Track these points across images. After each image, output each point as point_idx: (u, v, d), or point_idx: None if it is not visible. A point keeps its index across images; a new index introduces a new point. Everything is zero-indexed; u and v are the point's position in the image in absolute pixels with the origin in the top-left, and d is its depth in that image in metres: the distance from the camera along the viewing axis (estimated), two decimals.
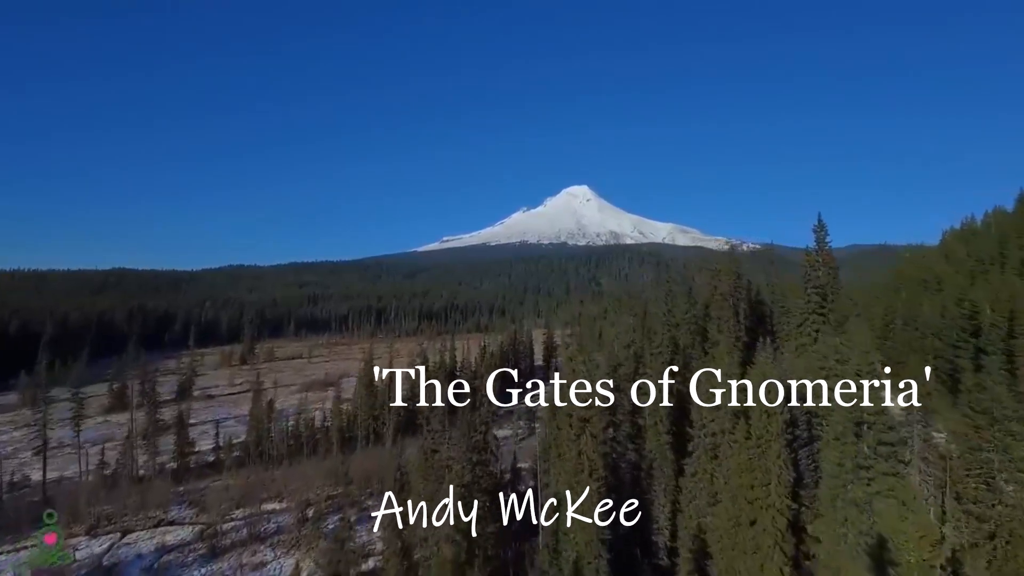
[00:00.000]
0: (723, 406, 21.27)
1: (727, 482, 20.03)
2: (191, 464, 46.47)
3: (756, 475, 18.47)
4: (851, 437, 18.92)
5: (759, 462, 18.40)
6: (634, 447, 25.44)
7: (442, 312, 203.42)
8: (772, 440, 18.04)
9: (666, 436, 25.44)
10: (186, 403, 70.07)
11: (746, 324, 37.95)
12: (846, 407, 19.32)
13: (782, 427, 18.38)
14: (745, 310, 39.43)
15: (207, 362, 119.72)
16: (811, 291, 36.00)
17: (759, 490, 18.09)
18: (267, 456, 47.20)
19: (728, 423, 20.59)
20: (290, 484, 40.43)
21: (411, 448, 46.68)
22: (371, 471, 41.79)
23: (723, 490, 20.14)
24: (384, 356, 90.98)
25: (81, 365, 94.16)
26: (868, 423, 18.80)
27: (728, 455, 20.28)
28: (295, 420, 53.88)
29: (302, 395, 78.88)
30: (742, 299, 38.15)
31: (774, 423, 18.11)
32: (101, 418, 66.42)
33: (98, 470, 41.45)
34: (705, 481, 21.44)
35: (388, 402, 51.94)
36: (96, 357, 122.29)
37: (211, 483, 41.41)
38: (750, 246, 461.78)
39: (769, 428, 18.21)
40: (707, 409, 22.06)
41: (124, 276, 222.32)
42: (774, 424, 18.13)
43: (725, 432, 20.62)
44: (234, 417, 65.69)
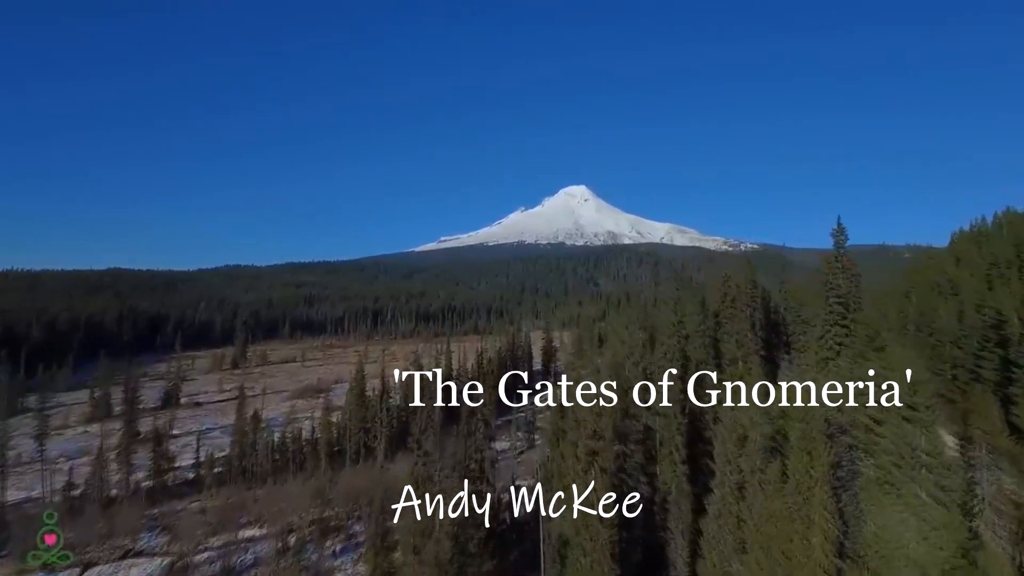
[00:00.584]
0: (753, 438, 18.62)
1: (758, 528, 17.41)
2: (169, 482, 43.69)
3: (795, 525, 15.86)
4: (904, 480, 16.36)
5: (799, 511, 15.80)
6: (646, 479, 22.82)
7: (439, 313, 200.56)
8: (815, 486, 15.46)
9: (682, 466, 22.80)
10: (170, 412, 67.34)
11: (761, 336, 35.32)
12: (894, 445, 16.73)
13: (828, 471, 15.76)
14: (760, 320, 36.83)
15: (198, 366, 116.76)
16: (833, 301, 33.40)
17: (798, 544, 15.53)
18: (250, 473, 44.46)
19: (759, 460, 17.96)
20: (273, 506, 37.68)
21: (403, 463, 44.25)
22: (360, 490, 39.13)
23: (753, 537, 17.54)
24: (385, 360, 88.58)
25: (66, 370, 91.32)
26: (924, 464, 16.23)
27: (759, 497, 17.66)
28: (282, 432, 51.15)
29: (292, 403, 76.12)
30: (757, 308, 35.52)
31: (818, 465, 15.51)
32: (81, 428, 63.43)
33: (65, 491, 38.53)
34: (731, 524, 18.81)
35: (381, 413, 49.27)
36: (84, 361, 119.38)
37: (188, 504, 38.74)
38: (748, 246, 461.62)
39: (812, 471, 15.62)
40: (732, 440, 19.40)
41: (119, 276, 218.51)
42: (819, 466, 15.53)
43: (755, 471, 18.00)
44: (220, 427, 62.88)
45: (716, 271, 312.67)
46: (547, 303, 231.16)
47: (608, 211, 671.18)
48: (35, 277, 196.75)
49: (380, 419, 48.63)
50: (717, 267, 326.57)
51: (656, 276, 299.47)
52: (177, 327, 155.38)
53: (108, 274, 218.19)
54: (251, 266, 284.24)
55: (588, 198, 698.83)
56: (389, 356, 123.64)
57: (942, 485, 15.97)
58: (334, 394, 77.29)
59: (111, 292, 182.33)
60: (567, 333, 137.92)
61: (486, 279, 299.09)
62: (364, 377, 53.21)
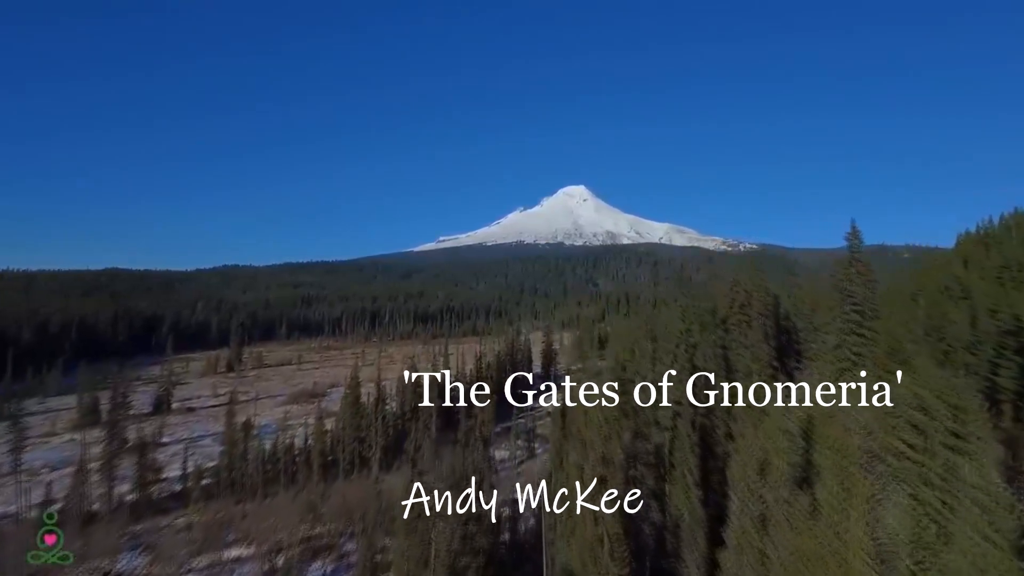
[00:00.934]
0: (777, 465, 16.97)
1: (785, 567, 15.77)
2: (155, 495, 41.96)
3: (828, 567, 14.22)
4: (951, 518, 14.75)
5: (832, 549, 14.17)
6: (658, 504, 21.21)
7: (438, 314, 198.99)
8: (852, 523, 13.84)
9: (696, 490, 21.18)
10: (160, 419, 65.65)
11: (773, 345, 33.67)
12: (938, 477, 15.09)
13: (866, 507, 14.11)
14: (771, 328, 35.19)
15: (193, 368, 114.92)
16: (850, 308, 31.78)
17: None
18: (239, 486, 42.78)
19: (785, 490, 16.31)
20: (262, 522, 35.98)
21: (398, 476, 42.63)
22: (353, 505, 37.46)
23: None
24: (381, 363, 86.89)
25: (56, 373, 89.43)
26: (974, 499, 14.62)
27: (785, 531, 16.01)
28: (274, 441, 49.50)
29: (286, 408, 74.58)
30: (769, 316, 33.85)
31: (857, 502, 13.86)
32: (68, 435, 61.65)
33: (43, 506, 36.69)
34: (753, 560, 17.15)
35: (375, 422, 47.64)
36: (77, 364, 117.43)
37: (174, 520, 37.06)
38: (747, 246, 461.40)
39: (848, 507, 13.98)
40: (752, 467, 17.76)
41: (116, 276, 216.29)
42: (856, 503, 13.88)
43: (780, 502, 16.36)
44: (212, 435, 61.19)
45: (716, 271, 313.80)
46: (546, 303, 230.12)
47: (607, 211, 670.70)
48: (31, 277, 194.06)
49: (375, 428, 46.98)
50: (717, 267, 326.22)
51: (655, 276, 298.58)
52: (173, 328, 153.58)
53: (105, 274, 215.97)
54: (249, 266, 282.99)
55: (587, 198, 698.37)
56: (386, 358, 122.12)
57: (995, 525, 14.36)
58: (330, 399, 75.73)
59: (107, 293, 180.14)
60: (567, 334, 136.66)
61: (485, 279, 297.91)
62: (359, 384, 51.56)
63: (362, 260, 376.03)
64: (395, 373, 75.67)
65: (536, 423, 60.64)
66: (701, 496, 21.43)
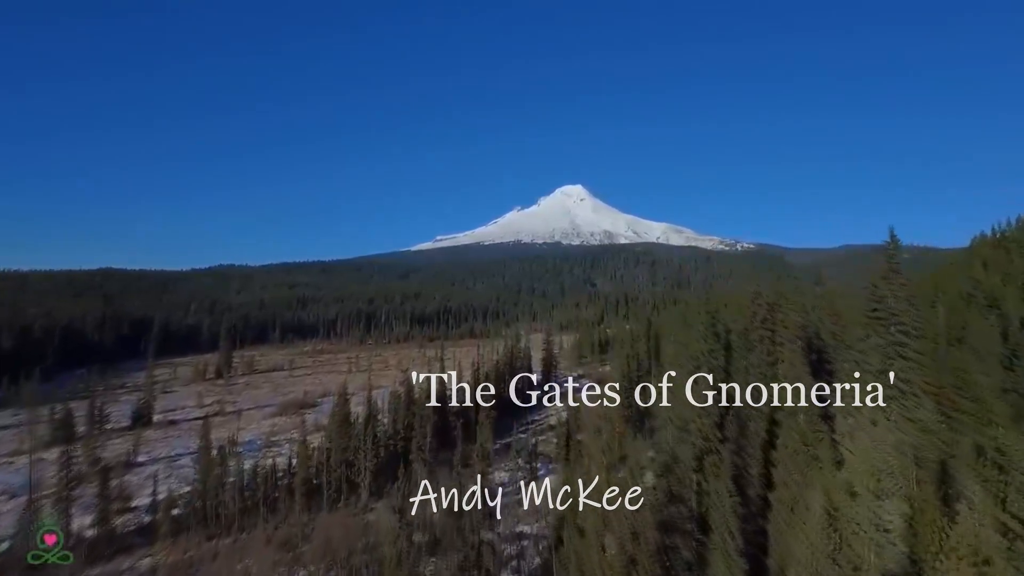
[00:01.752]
0: (835, 514, 13.53)
1: None
2: (119, 530, 38.00)
3: None
4: None
5: None
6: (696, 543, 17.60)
7: (435, 316, 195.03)
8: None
9: (739, 559, 17.59)
10: (137, 433, 61.76)
11: (806, 369, 30.04)
12: None
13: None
14: (802, 348, 31.58)
15: (181, 374, 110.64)
16: (895, 329, 28.10)
17: None
18: (214, 518, 38.96)
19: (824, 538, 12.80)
20: (235, 563, 32.31)
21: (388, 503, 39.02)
22: (337, 542, 33.75)
23: None
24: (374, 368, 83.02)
25: (33, 383, 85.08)
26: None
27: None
28: (255, 463, 45.66)
29: (274, 421, 70.74)
30: (801, 339, 30.24)
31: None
32: (37, 455, 57.45)
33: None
34: None
35: (364, 444, 43.85)
36: (63, 370, 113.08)
37: (137, 561, 33.25)
38: (744, 246, 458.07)
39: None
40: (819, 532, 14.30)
41: (109, 276, 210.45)
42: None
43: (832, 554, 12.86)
44: (192, 452, 57.14)
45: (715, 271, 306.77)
46: (544, 303, 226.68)
47: (604, 210, 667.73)
48: (23, 278, 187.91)
49: (363, 451, 43.22)
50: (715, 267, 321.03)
51: (653, 276, 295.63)
52: (163, 331, 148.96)
53: (97, 274, 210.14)
54: (244, 266, 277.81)
55: (584, 197, 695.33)
56: (380, 362, 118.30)
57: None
58: (320, 410, 71.86)
59: (99, 294, 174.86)
60: (566, 337, 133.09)
61: (482, 279, 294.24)
62: (348, 400, 47.77)
63: (359, 259, 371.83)
64: (389, 380, 71.94)
65: (537, 439, 56.98)
66: (747, 568, 17.84)
